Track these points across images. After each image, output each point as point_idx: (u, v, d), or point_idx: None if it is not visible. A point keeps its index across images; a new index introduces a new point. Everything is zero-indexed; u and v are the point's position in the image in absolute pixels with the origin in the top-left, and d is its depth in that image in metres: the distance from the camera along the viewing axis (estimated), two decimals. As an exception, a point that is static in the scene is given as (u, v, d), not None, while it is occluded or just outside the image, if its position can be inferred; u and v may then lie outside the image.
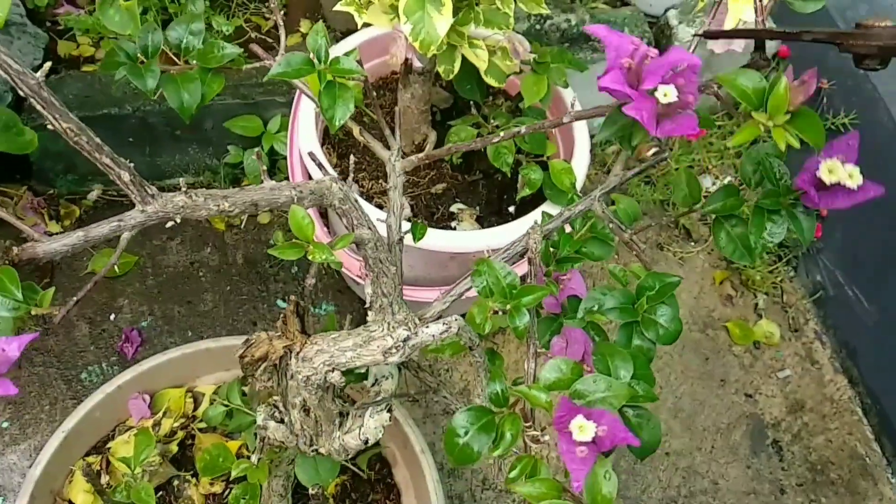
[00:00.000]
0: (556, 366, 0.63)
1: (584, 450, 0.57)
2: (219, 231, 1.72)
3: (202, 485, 1.20)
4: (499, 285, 0.69)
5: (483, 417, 0.66)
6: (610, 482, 0.58)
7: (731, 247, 0.77)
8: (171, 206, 0.66)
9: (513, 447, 0.65)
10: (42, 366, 1.52)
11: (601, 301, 0.75)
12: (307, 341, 0.79)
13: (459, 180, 1.48)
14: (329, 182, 0.71)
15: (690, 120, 0.65)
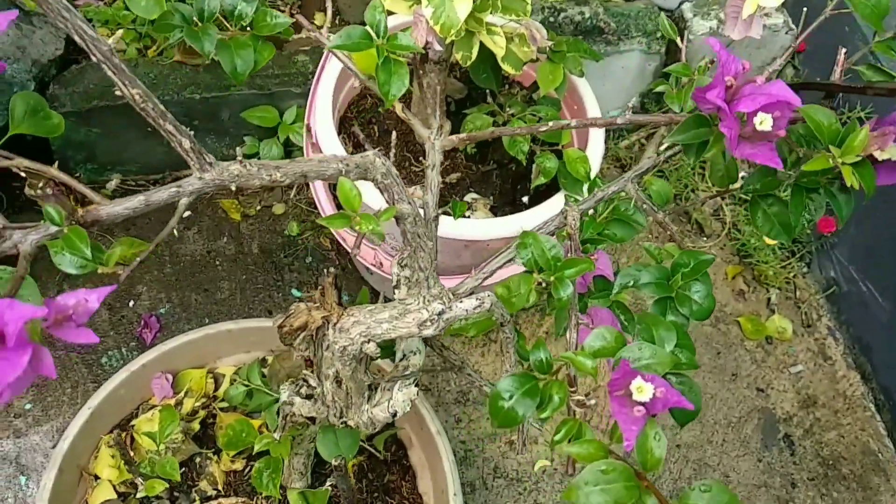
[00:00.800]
0: (601, 334, 0.70)
1: (641, 409, 0.63)
2: (235, 221, 1.80)
3: (223, 462, 1.28)
4: (544, 257, 0.76)
5: (527, 383, 0.73)
6: (660, 443, 0.63)
7: (767, 226, 0.83)
8: (226, 175, 0.73)
9: (560, 409, 0.71)
10: (63, 350, 1.60)
11: (637, 277, 0.82)
12: (344, 313, 0.86)
13: (473, 170, 1.55)
14: (373, 157, 0.78)
15: (770, 151, 0.71)
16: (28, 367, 0.57)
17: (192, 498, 1.24)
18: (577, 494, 0.61)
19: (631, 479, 0.62)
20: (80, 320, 0.62)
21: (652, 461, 0.63)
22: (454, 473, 1.24)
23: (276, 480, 1.08)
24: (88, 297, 0.62)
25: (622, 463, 0.63)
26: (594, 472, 0.62)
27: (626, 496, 0.61)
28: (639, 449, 0.64)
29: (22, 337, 0.57)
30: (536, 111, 1.39)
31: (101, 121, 1.66)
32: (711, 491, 0.61)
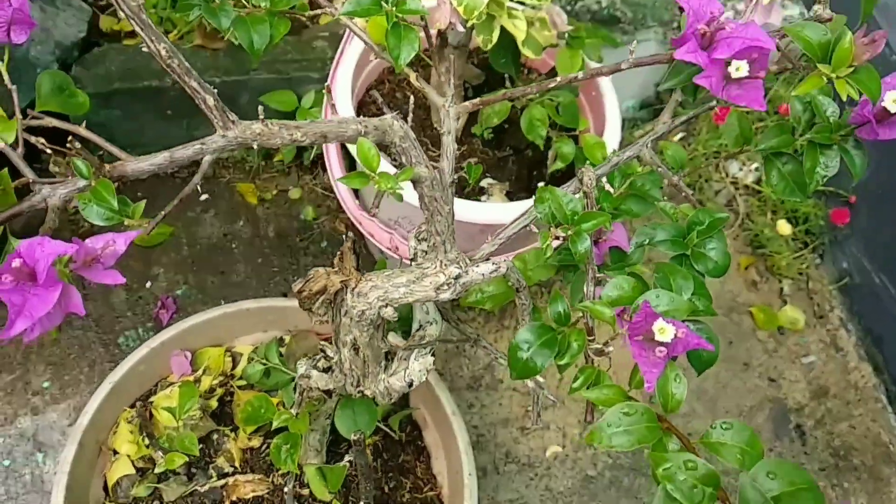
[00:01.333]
0: (619, 284, 0.73)
1: (662, 350, 0.65)
2: (251, 205, 1.83)
3: (241, 439, 1.31)
4: (561, 211, 0.79)
5: (546, 334, 0.77)
6: (680, 385, 0.66)
7: (782, 185, 0.86)
8: (248, 133, 0.76)
9: (578, 357, 0.74)
10: (81, 329, 1.63)
11: (652, 235, 0.85)
12: (362, 278, 0.89)
13: (489, 156, 1.58)
14: (391, 120, 0.81)
15: (757, 91, 0.74)
16: (58, 304, 0.61)
17: (209, 474, 1.27)
18: (600, 437, 0.64)
19: (653, 421, 0.64)
20: (107, 262, 0.65)
21: (673, 403, 0.66)
22: (469, 454, 1.27)
23: (295, 456, 1.11)
24: (116, 240, 0.65)
25: (644, 405, 0.65)
26: (617, 415, 0.64)
27: (648, 436, 0.63)
28: (660, 391, 0.66)
29: (52, 274, 0.61)
30: (555, 96, 1.42)
31: (121, 103, 1.69)
32: (732, 429, 0.64)
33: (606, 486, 1.58)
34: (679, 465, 0.61)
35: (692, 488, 0.60)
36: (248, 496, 1.25)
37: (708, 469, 0.61)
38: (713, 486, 0.61)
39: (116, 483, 1.26)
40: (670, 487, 0.60)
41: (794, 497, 0.59)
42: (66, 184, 0.78)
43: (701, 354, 0.78)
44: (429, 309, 1.06)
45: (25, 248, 0.61)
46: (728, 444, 0.64)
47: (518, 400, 1.64)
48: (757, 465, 0.61)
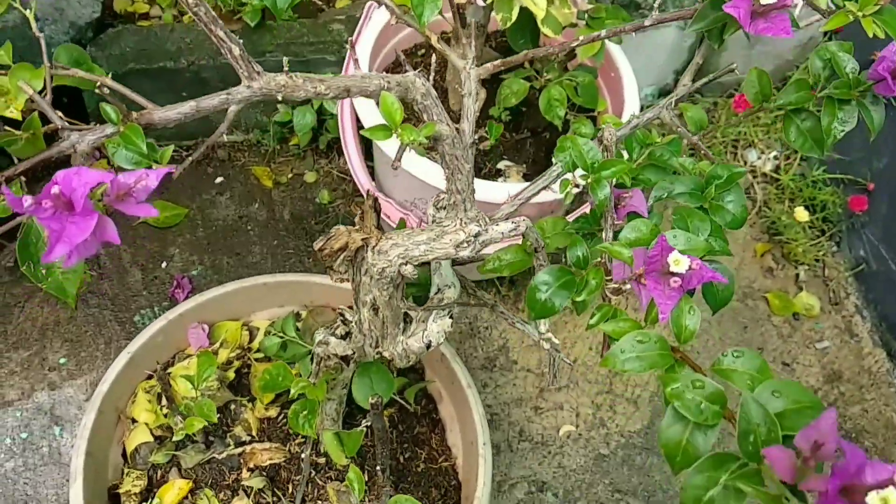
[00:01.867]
0: (636, 226, 0.76)
1: (677, 281, 0.68)
2: (266, 188, 1.86)
3: (258, 409, 1.34)
4: (582, 159, 0.81)
5: (564, 276, 0.79)
6: (693, 316, 0.68)
7: (800, 140, 0.89)
8: (273, 84, 0.78)
9: (596, 294, 0.77)
10: (97, 308, 1.66)
11: (671, 188, 0.87)
12: (383, 236, 0.91)
13: (507, 138, 1.60)
14: (413, 77, 0.84)
15: (784, 21, 0.76)
16: (94, 234, 0.64)
17: (226, 442, 1.30)
18: (614, 362, 0.66)
19: (665, 349, 0.67)
20: (140, 197, 0.68)
21: (686, 334, 0.69)
22: (484, 425, 1.30)
23: (313, 421, 1.13)
24: (148, 174, 0.68)
25: (657, 333, 0.68)
26: (630, 341, 0.67)
27: (660, 362, 0.66)
28: (674, 322, 0.69)
29: (88, 204, 0.63)
30: (574, 76, 1.44)
31: (136, 84, 1.68)
32: (743, 356, 0.66)
33: (619, 465, 1.60)
34: (687, 385, 0.64)
35: (699, 406, 0.63)
36: (265, 463, 1.28)
37: (715, 388, 0.64)
38: (720, 404, 0.63)
39: (135, 450, 1.29)
40: (678, 405, 0.63)
41: (798, 414, 0.61)
42: (95, 130, 0.80)
43: (716, 291, 0.80)
44: (447, 273, 1.08)
45: (63, 176, 0.63)
46: (739, 370, 0.66)
47: (532, 380, 1.67)
48: (762, 385, 0.63)
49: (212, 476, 1.27)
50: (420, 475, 1.33)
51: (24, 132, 0.91)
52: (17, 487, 1.46)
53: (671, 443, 0.64)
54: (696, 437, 0.63)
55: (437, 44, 1.00)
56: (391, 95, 0.80)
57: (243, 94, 0.79)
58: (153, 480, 1.27)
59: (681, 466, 0.63)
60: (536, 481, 1.57)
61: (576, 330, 1.74)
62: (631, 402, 1.67)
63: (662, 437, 0.64)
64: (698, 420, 0.62)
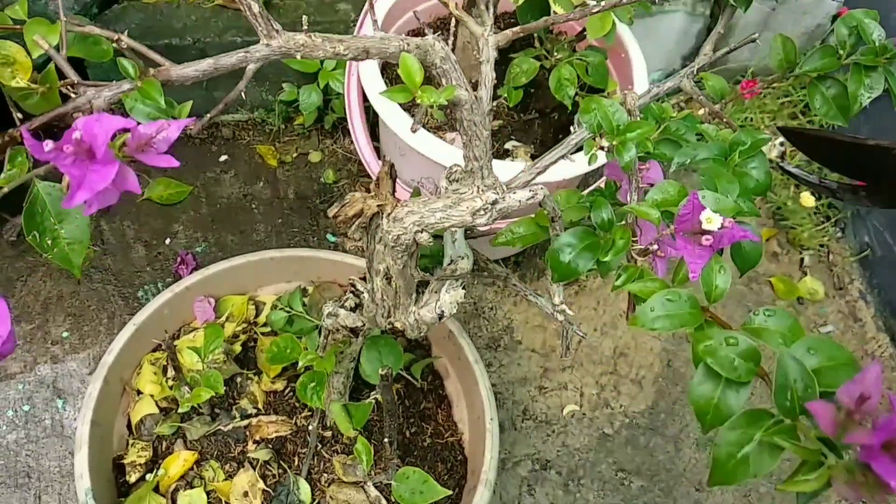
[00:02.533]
0: (663, 188, 0.74)
1: (709, 239, 0.66)
2: (271, 167, 1.84)
3: (264, 382, 1.32)
4: (607, 121, 0.80)
5: (588, 238, 0.77)
6: (724, 276, 0.66)
7: (825, 108, 0.88)
8: (292, 44, 0.76)
9: (622, 254, 0.75)
10: (101, 283, 1.64)
11: (693, 154, 0.85)
12: (398, 203, 0.89)
13: (515, 118, 1.59)
14: (432, 40, 0.82)
15: None
16: (114, 183, 0.62)
17: (232, 415, 1.28)
18: (643, 320, 0.64)
19: (696, 307, 0.65)
20: (160, 148, 0.66)
21: (716, 293, 0.66)
22: (491, 400, 1.28)
23: (321, 393, 1.12)
24: (169, 125, 0.66)
25: (688, 292, 0.65)
26: (660, 300, 0.65)
27: (691, 321, 0.64)
28: (704, 280, 0.67)
29: (109, 152, 0.62)
30: (584, 56, 1.43)
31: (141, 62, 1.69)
32: (775, 315, 0.64)
33: (623, 444, 1.59)
34: (720, 342, 0.62)
35: (732, 362, 0.61)
36: (272, 436, 1.26)
37: (749, 345, 0.62)
38: (754, 362, 0.61)
39: (140, 421, 1.27)
40: (711, 361, 0.61)
41: (834, 371, 0.59)
42: (111, 86, 0.78)
43: (744, 251, 0.79)
44: (460, 245, 1.06)
45: (84, 123, 0.62)
46: (770, 329, 0.64)
47: (536, 360, 1.65)
48: (797, 343, 0.62)
49: (217, 448, 1.25)
50: (426, 450, 1.32)
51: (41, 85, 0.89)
52: (20, 459, 1.44)
53: (702, 400, 0.62)
54: (727, 394, 0.62)
55: (456, 10, 0.98)
56: (411, 57, 0.78)
57: (262, 53, 0.77)
58: (158, 452, 1.25)
59: (712, 424, 0.62)
60: (540, 459, 1.55)
61: (581, 311, 1.73)
62: (635, 384, 1.66)
63: (693, 394, 0.62)
64: (731, 376, 0.61)
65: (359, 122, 1.57)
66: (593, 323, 1.71)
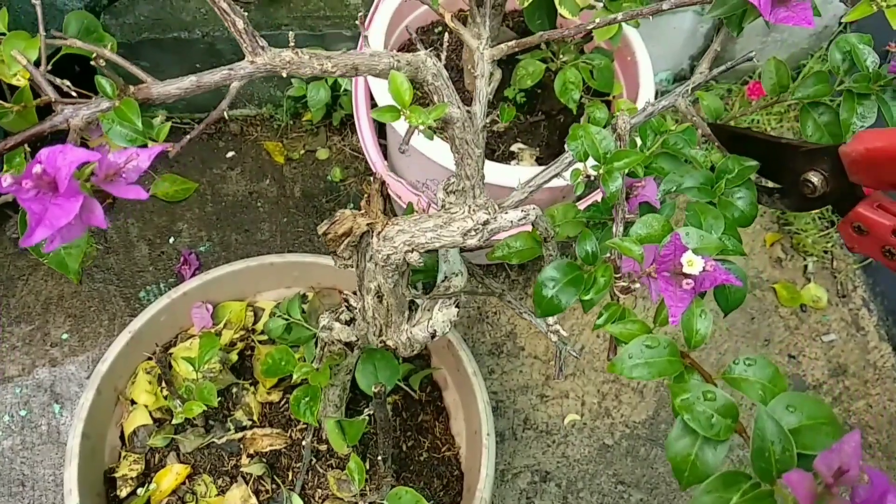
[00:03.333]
0: (647, 222, 0.67)
1: (690, 283, 0.60)
2: (278, 164, 1.76)
3: (260, 393, 1.24)
4: (594, 149, 0.73)
5: (572, 272, 0.71)
6: (705, 320, 0.61)
7: (817, 134, 0.81)
8: (278, 61, 0.69)
9: (604, 292, 0.68)
10: (102, 282, 1.57)
11: (680, 181, 0.79)
12: (389, 221, 0.82)
13: (521, 120, 1.50)
14: (424, 56, 0.74)
15: (806, 10, 0.68)
16: (79, 217, 0.55)
17: (227, 427, 1.21)
18: (621, 367, 0.60)
19: (675, 355, 0.61)
20: (130, 178, 0.59)
21: (697, 338, 0.62)
22: (488, 414, 1.21)
23: (315, 408, 1.04)
24: (139, 154, 0.59)
25: (667, 338, 0.61)
26: (639, 346, 0.61)
27: (669, 369, 0.60)
28: (684, 325, 0.62)
29: (73, 184, 0.55)
30: (590, 59, 1.34)
31: (149, 55, 1.62)
32: (755, 364, 0.60)
33: (623, 455, 1.51)
34: (698, 396, 0.58)
35: (710, 419, 0.57)
36: (266, 449, 1.19)
37: (727, 400, 0.58)
38: (732, 418, 0.57)
39: (133, 433, 1.20)
40: (687, 417, 0.56)
41: (813, 430, 0.55)
42: (90, 104, 0.71)
43: (728, 293, 0.73)
44: (455, 261, 0.99)
45: (47, 155, 0.55)
46: (750, 379, 0.60)
47: (538, 367, 1.57)
48: (776, 399, 0.57)
49: (210, 461, 1.18)
50: (423, 464, 1.24)
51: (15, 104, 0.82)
52: (14, 467, 1.36)
53: (679, 457, 0.58)
54: (705, 451, 0.57)
55: (452, 22, 0.90)
56: (401, 75, 0.70)
57: (246, 71, 0.69)
58: (151, 464, 1.18)
59: (689, 482, 0.57)
60: (540, 471, 1.48)
61: (584, 317, 1.65)
62: (637, 392, 1.58)
63: (670, 450, 0.58)
64: (709, 434, 0.56)
65: (365, 120, 1.49)
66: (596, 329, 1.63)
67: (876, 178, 0.68)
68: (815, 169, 0.75)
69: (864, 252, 0.70)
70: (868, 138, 0.68)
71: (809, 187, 0.76)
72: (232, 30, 0.69)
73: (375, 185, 0.85)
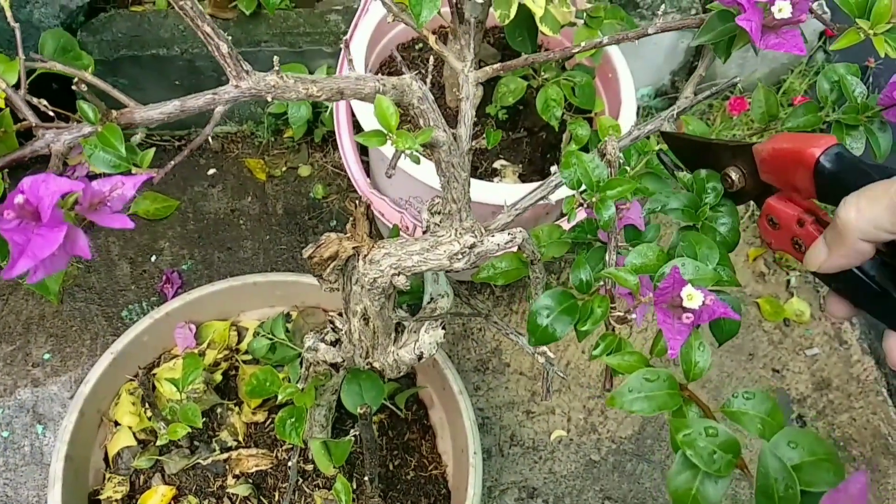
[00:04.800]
0: (643, 251, 0.67)
1: (689, 316, 0.60)
2: (260, 181, 1.76)
3: (245, 413, 1.24)
4: (587, 177, 0.73)
5: (566, 301, 0.71)
6: (704, 353, 0.61)
7: None
8: (262, 85, 0.69)
9: (600, 323, 0.69)
10: (84, 302, 1.56)
11: (665, 202, 0.79)
12: (375, 245, 0.82)
13: (504, 137, 1.51)
14: (409, 80, 0.74)
15: (796, 38, 0.69)
16: (62, 247, 0.55)
17: (212, 448, 1.20)
18: (621, 401, 0.59)
19: (675, 388, 0.60)
20: (114, 206, 0.59)
21: (695, 371, 0.62)
22: (475, 433, 1.21)
23: (300, 429, 1.04)
24: (124, 182, 0.59)
25: (667, 371, 0.61)
26: (638, 380, 0.60)
27: (669, 403, 0.59)
28: (683, 358, 0.62)
29: (57, 214, 0.55)
30: (572, 76, 1.35)
31: (128, 71, 1.61)
32: (755, 398, 0.60)
33: (609, 471, 1.51)
34: (699, 432, 0.57)
35: (712, 454, 0.56)
36: (252, 470, 1.18)
37: (728, 436, 0.57)
38: (733, 454, 0.56)
39: (117, 454, 1.19)
40: (690, 453, 0.56)
41: (815, 467, 0.54)
42: (71, 129, 0.70)
43: (723, 324, 0.74)
44: (441, 282, 1.00)
45: (29, 184, 0.54)
46: (749, 413, 0.59)
47: (524, 383, 1.57)
48: (778, 435, 0.57)
49: (196, 482, 1.17)
50: (410, 483, 1.24)
51: (-8, 129, 0.81)
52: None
53: (680, 490, 0.57)
54: (706, 485, 0.57)
55: (436, 45, 0.91)
56: (386, 99, 0.70)
57: (231, 95, 0.69)
58: (135, 486, 1.17)
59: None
60: (527, 487, 1.47)
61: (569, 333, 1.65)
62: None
63: (671, 484, 0.57)
64: (711, 470, 0.56)
65: (347, 138, 1.49)
66: (581, 345, 1.63)
67: (781, 179, 0.69)
68: (735, 165, 0.75)
69: (780, 247, 0.70)
70: (779, 139, 0.68)
71: (728, 181, 0.76)
72: (216, 54, 0.69)
73: (361, 208, 0.85)
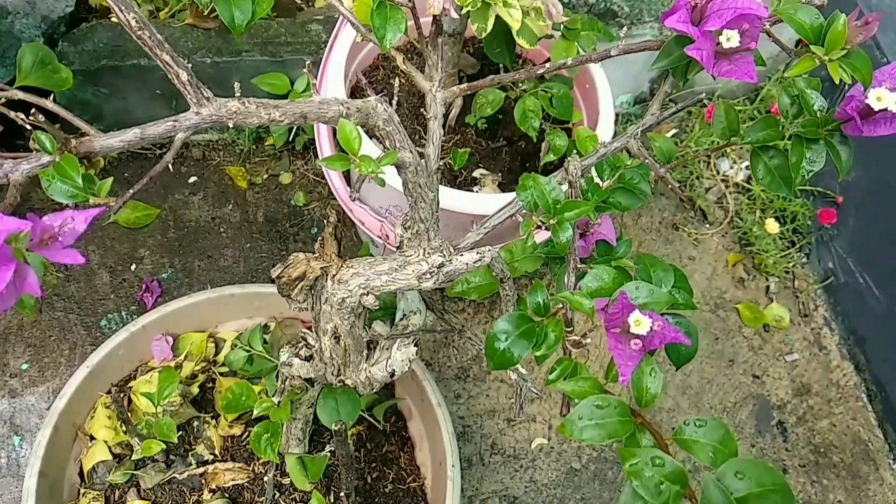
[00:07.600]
0: (598, 275, 0.66)
1: (638, 342, 0.59)
2: (241, 189, 1.74)
3: (221, 427, 1.22)
4: (544, 199, 0.72)
5: (524, 325, 0.70)
6: (655, 379, 0.60)
7: (768, 178, 0.81)
8: (224, 111, 0.68)
9: (555, 348, 0.67)
10: (62, 311, 1.54)
11: None
12: (343, 264, 0.81)
13: (483, 146, 1.49)
14: (374, 102, 0.73)
15: (749, 65, 0.68)
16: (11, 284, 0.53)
17: (188, 462, 1.18)
18: (571, 429, 0.59)
19: (626, 415, 0.60)
20: (66, 241, 0.58)
21: (647, 397, 0.62)
22: (453, 445, 1.19)
23: (275, 445, 1.02)
24: (75, 217, 0.57)
25: (618, 398, 0.61)
26: (589, 407, 0.60)
27: (620, 431, 0.59)
28: (634, 384, 0.62)
29: (6, 252, 0.53)
30: (549, 87, 1.34)
31: (109, 81, 1.59)
32: (706, 426, 0.60)
33: (590, 479, 1.50)
34: (647, 462, 0.57)
35: (658, 486, 0.56)
36: (228, 484, 1.17)
37: (675, 467, 0.57)
38: (680, 485, 0.56)
39: (93, 469, 1.17)
40: (636, 484, 0.56)
41: (761, 498, 0.54)
42: (30, 159, 0.69)
43: (679, 349, 0.73)
44: (413, 299, 0.98)
45: (-24, 225, 0.52)
46: (701, 441, 0.60)
47: (505, 391, 1.56)
48: (725, 464, 0.56)
49: (172, 497, 1.15)
50: (388, 496, 1.23)
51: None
52: (-28, 502, 1.34)
53: None
54: None
55: (404, 65, 0.90)
56: (349, 123, 0.69)
57: (192, 122, 0.68)
58: (111, 501, 1.16)
59: None
60: (508, 496, 1.46)
61: (548, 340, 1.63)
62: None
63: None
64: (658, 502, 0.55)
65: (327, 146, 1.47)
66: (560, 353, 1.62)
67: None
68: None
69: None
70: None
71: None
72: (175, 82, 0.67)
73: (329, 228, 0.84)
